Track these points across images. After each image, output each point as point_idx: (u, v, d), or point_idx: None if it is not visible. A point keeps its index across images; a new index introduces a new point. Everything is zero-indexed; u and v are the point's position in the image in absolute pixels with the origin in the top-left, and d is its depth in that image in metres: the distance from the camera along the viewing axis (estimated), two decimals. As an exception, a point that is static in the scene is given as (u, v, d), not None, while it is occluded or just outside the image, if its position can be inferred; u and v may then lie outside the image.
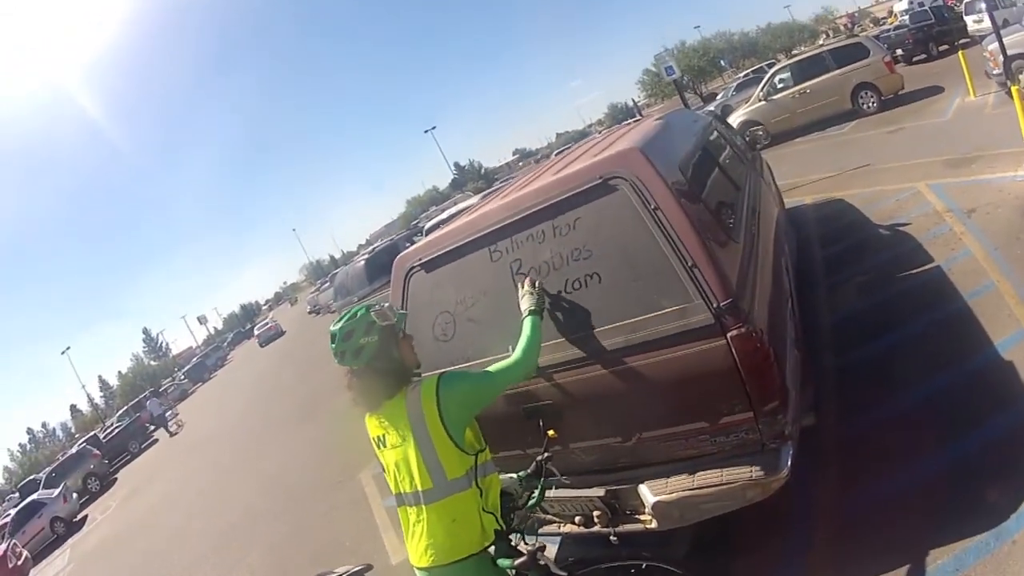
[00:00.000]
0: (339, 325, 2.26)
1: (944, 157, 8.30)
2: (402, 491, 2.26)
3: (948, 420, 3.53)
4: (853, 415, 3.86)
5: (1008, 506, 2.83)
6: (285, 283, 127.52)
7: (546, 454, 2.49)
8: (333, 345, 2.25)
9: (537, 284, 2.76)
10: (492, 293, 3.09)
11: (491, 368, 2.38)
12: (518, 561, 2.15)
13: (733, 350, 2.50)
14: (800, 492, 3.13)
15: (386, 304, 2.36)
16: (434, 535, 2.18)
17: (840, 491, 3.35)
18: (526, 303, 2.68)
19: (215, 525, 8.23)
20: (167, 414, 27.65)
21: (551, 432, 2.55)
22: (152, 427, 28.80)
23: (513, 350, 2.44)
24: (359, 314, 2.26)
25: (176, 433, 25.13)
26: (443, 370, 2.36)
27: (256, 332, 48.10)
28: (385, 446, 2.28)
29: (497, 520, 2.26)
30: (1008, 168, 6.80)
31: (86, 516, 18.01)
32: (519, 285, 2.80)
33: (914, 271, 5.51)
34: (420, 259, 3.38)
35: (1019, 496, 2.85)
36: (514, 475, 2.53)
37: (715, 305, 2.51)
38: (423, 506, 2.19)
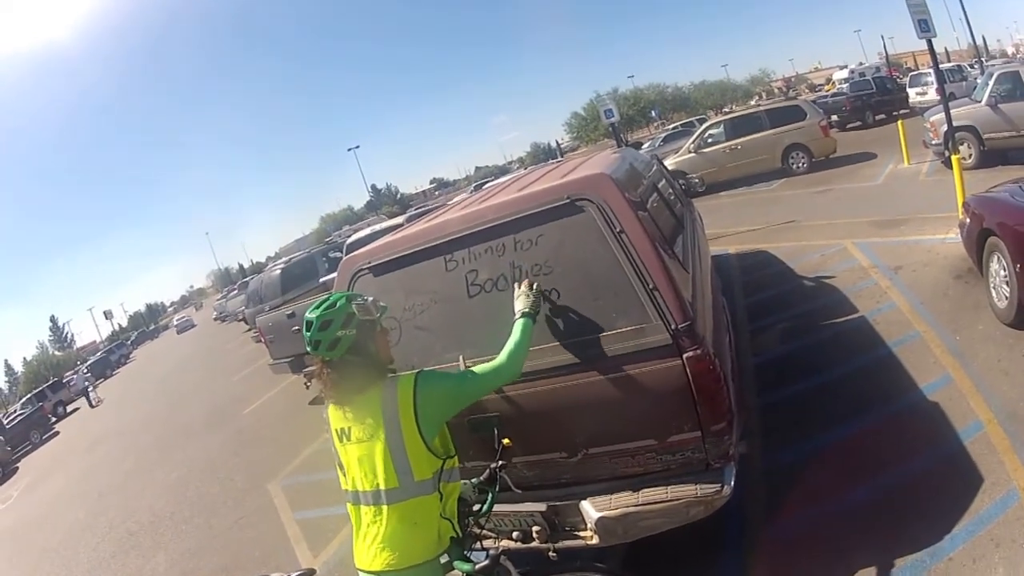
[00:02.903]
0: (316, 313, 2.16)
1: (872, 218, 8.70)
2: (359, 489, 2.18)
3: (878, 454, 3.67)
4: (779, 448, 3.96)
5: (942, 528, 2.98)
6: (192, 287, 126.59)
7: (500, 462, 2.48)
8: (308, 333, 2.15)
9: (535, 286, 2.69)
10: (443, 302, 3.08)
11: (475, 369, 2.35)
12: (480, 565, 2.11)
13: (688, 370, 2.58)
14: (733, 514, 3.22)
15: (369, 299, 2.28)
16: (392, 538, 2.11)
17: (771, 516, 3.46)
18: (521, 304, 2.61)
19: (118, 527, 7.74)
20: (89, 388, 28.15)
21: (506, 440, 2.54)
22: (53, 419, 27.79)
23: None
24: (339, 304, 2.18)
25: (97, 405, 25.90)
26: (421, 369, 2.30)
27: (175, 322, 61.25)
28: (349, 440, 2.20)
29: (453, 527, 2.23)
30: (938, 231, 7.15)
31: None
32: (516, 284, 2.75)
33: (838, 320, 5.73)
34: (369, 262, 3.31)
35: (952, 519, 3.01)
36: (468, 481, 2.50)
37: (673, 326, 2.60)
38: (384, 506, 2.12)
